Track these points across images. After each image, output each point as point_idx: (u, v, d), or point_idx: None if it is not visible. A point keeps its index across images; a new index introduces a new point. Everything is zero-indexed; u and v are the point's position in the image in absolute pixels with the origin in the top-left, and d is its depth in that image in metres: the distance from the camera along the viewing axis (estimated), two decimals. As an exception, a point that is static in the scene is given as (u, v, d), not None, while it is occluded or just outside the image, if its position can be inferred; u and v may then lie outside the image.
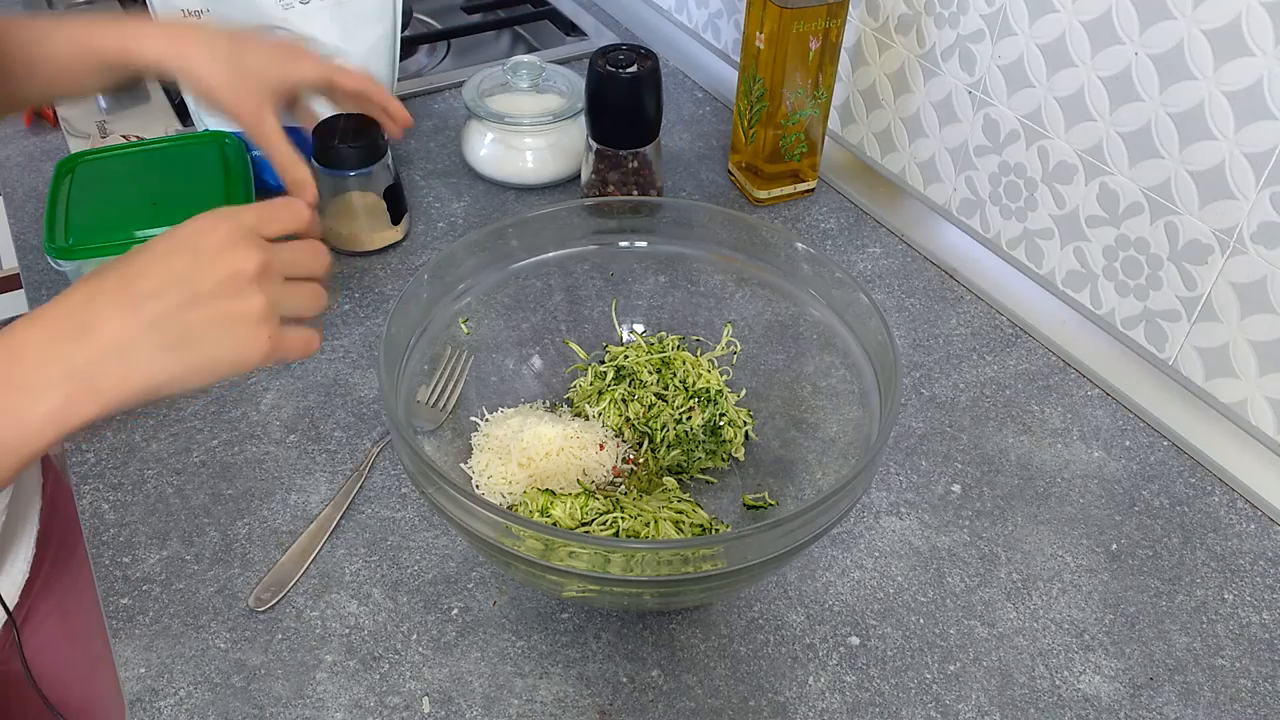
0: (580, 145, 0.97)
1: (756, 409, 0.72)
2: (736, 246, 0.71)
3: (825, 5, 0.85)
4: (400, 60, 1.00)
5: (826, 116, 0.93)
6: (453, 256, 0.67)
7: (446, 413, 0.68)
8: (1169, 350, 0.78)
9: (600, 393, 0.71)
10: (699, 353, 0.74)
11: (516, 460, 0.66)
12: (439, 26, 1.33)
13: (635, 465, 0.69)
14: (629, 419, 0.70)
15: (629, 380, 0.72)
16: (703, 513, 0.65)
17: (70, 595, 0.84)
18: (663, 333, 0.75)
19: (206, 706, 0.58)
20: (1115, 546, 0.68)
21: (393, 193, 0.88)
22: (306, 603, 0.64)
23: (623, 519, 0.62)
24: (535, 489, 0.64)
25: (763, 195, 0.96)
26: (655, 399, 0.71)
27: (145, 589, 0.64)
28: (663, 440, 0.69)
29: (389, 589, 0.65)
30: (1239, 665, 0.62)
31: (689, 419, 0.69)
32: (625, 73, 0.84)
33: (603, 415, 0.71)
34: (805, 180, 0.97)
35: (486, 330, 0.72)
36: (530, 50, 1.29)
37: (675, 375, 0.71)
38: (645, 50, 0.86)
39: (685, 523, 0.64)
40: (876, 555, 0.67)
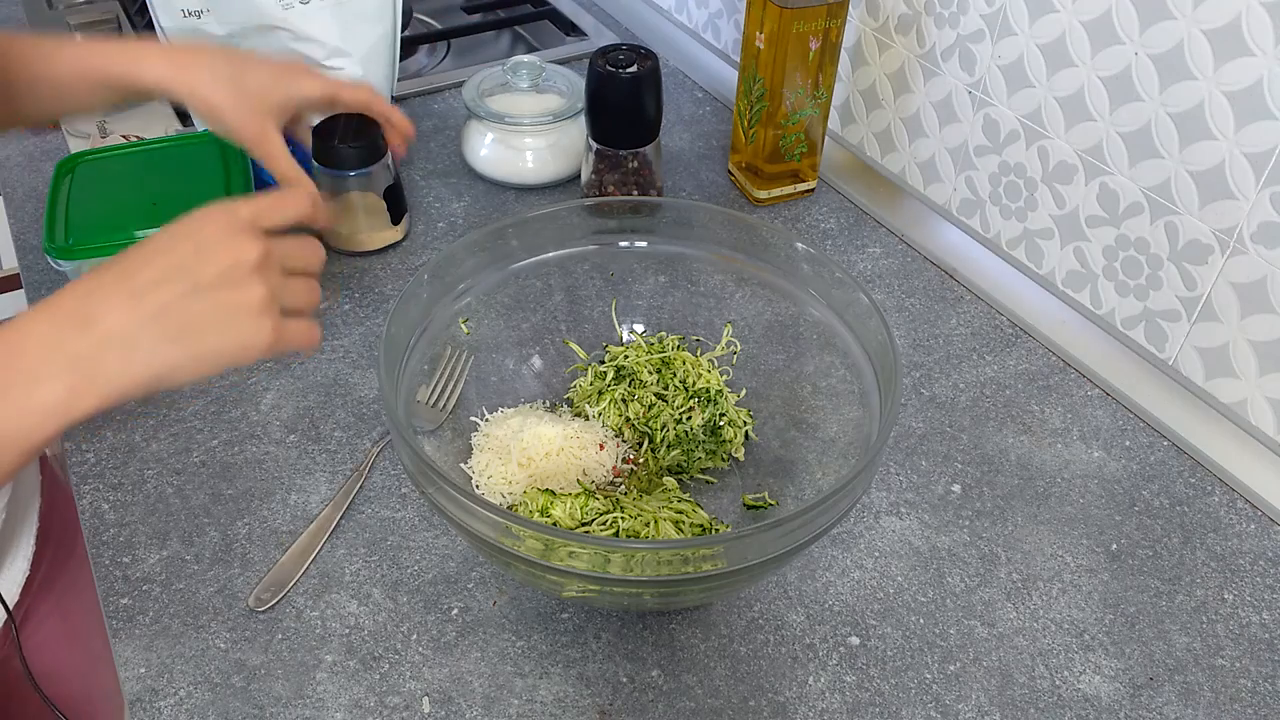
0: (580, 145, 0.97)
1: (756, 409, 0.72)
2: (736, 246, 0.71)
3: (825, 5, 0.85)
4: (400, 60, 1.00)
5: (826, 116, 0.93)
6: (453, 256, 0.67)
7: (446, 413, 0.68)
8: (1169, 350, 0.78)
9: (600, 393, 0.71)
10: (699, 353, 0.74)
11: (516, 460, 0.66)
12: (439, 26, 1.33)
13: (635, 465, 0.69)
14: (629, 419, 0.70)
15: (629, 380, 0.72)
16: (703, 513, 0.65)
17: (69, 594, 0.84)
18: (663, 333, 0.75)
19: (206, 706, 0.58)
20: (1115, 546, 0.68)
21: (393, 193, 0.88)
22: (306, 603, 0.64)
23: (623, 519, 0.62)
24: (535, 489, 0.64)
25: (763, 195, 0.96)
26: (655, 399, 0.71)
27: (145, 589, 0.64)
28: (663, 440, 0.69)
29: (389, 589, 0.65)
30: (1239, 665, 0.62)
31: (689, 419, 0.69)
32: (625, 73, 0.84)
33: (603, 415, 0.71)
34: (805, 180, 0.97)
35: (486, 330, 0.72)
36: (530, 50, 1.29)
37: (675, 375, 0.71)
38: (645, 50, 0.86)
39: (685, 523, 0.64)
40: (876, 555, 0.67)
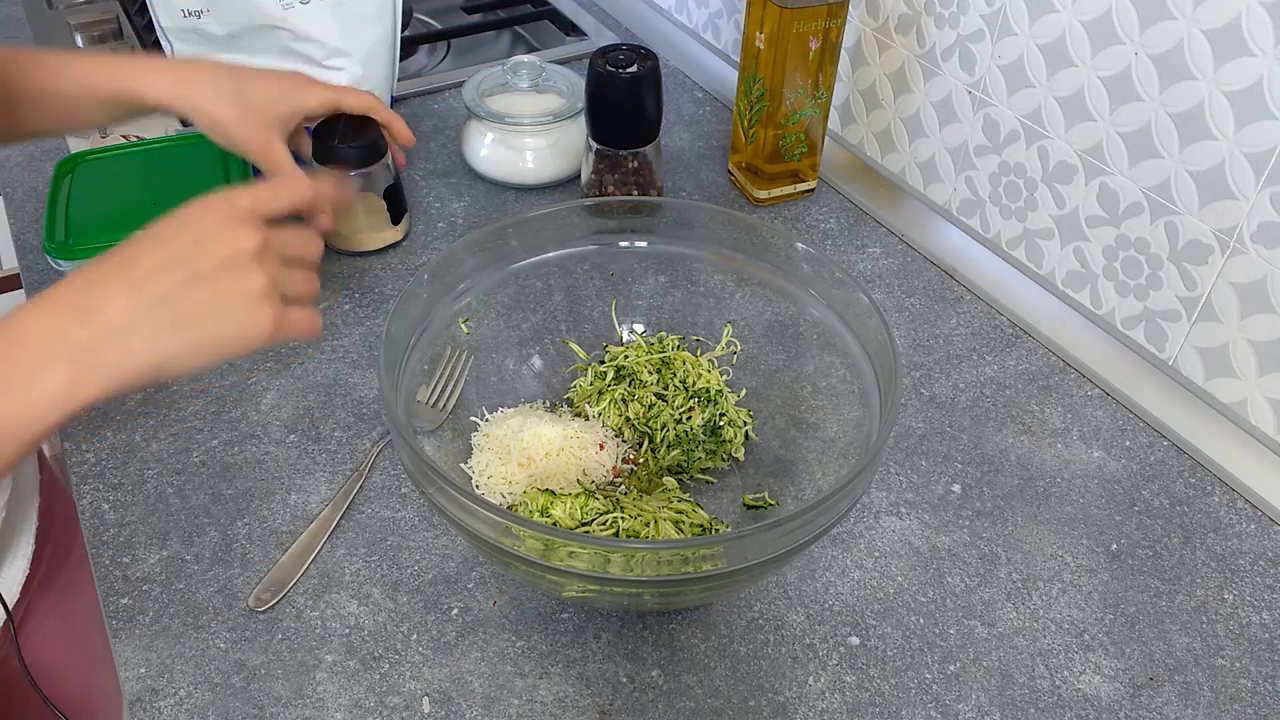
0: (580, 145, 0.97)
1: (756, 409, 0.72)
2: (736, 246, 0.71)
3: (825, 5, 0.85)
4: (400, 60, 1.00)
5: (826, 116, 0.93)
6: (453, 256, 0.67)
7: (446, 413, 0.68)
8: (1169, 350, 0.78)
9: (600, 393, 0.71)
10: (699, 353, 0.74)
11: (516, 460, 0.66)
12: (439, 26, 1.33)
13: (635, 465, 0.69)
14: (629, 419, 0.70)
15: (629, 380, 0.72)
16: (703, 513, 0.65)
17: (68, 594, 0.84)
18: (663, 333, 0.75)
19: (206, 706, 0.58)
20: (1115, 546, 0.68)
21: (393, 193, 0.88)
22: (306, 603, 0.64)
23: (623, 519, 0.62)
24: (535, 489, 0.64)
25: (763, 195, 0.96)
26: (655, 399, 0.71)
27: (145, 589, 0.64)
28: (663, 440, 0.69)
29: (389, 589, 0.65)
30: (1239, 665, 0.62)
31: (689, 419, 0.69)
32: (625, 73, 0.84)
33: (603, 415, 0.71)
34: (805, 180, 0.97)
35: (486, 330, 0.72)
36: (530, 50, 1.29)
37: (675, 375, 0.71)
38: (645, 50, 0.86)
39: (685, 523, 0.64)
40: (876, 555, 0.67)
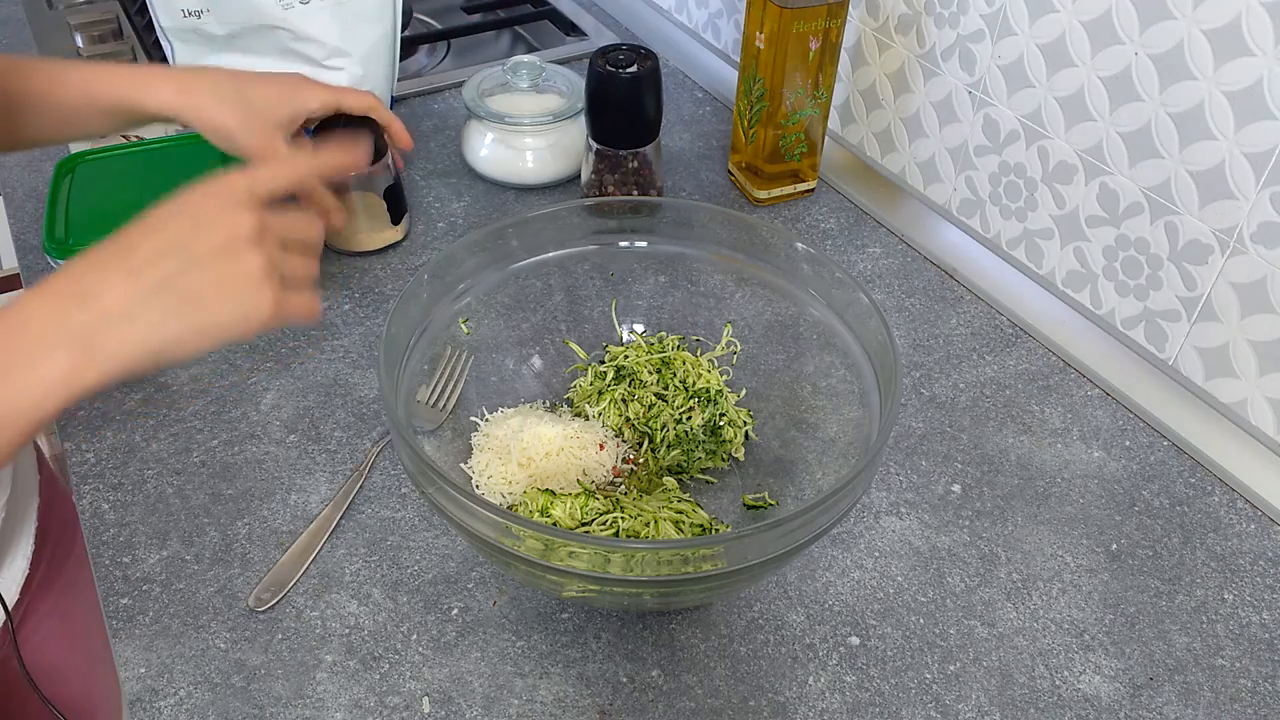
0: (580, 145, 0.97)
1: (756, 409, 0.72)
2: (736, 246, 0.71)
3: (825, 5, 0.85)
4: (400, 60, 1.00)
5: (826, 116, 0.93)
6: (453, 256, 0.67)
7: (446, 413, 0.68)
8: (1169, 350, 0.78)
9: (600, 393, 0.71)
10: (699, 353, 0.74)
11: (516, 460, 0.66)
12: (439, 26, 1.33)
13: (635, 465, 0.69)
14: (629, 419, 0.70)
15: (629, 380, 0.72)
16: (703, 513, 0.65)
17: (68, 594, 0.84)
18: (663, 333, 0.75)
19: (206, 706, 0.58)
20: (1115, 546, 0.68)
21: (393, 193, 0.88)
22: (306, 603, 0.64)
23: (623, 519, 0.62)
24: (535, 489, 0.64)
25: (763, 195, 0.96)
26: (655, 399, 0.71)
27: (145, 589, 0.64)
28: (663, 440, 0.69)
29: (389, 589, 0.65)
30: (1239, 665, 0.62)
31: (689, 419, 0.69)
32: (625, 73, 0.84)
33: (603, 415, 0.71)
34: (805, 180, 0.97)
35: (486, 330, 0.72)
36: (530, 50, 1.29)
37: (675, 375, 0.71)
38: (645, 50, 0.86)
39: (685, 523, 0.64)
40: (876, 555, 0.67)
